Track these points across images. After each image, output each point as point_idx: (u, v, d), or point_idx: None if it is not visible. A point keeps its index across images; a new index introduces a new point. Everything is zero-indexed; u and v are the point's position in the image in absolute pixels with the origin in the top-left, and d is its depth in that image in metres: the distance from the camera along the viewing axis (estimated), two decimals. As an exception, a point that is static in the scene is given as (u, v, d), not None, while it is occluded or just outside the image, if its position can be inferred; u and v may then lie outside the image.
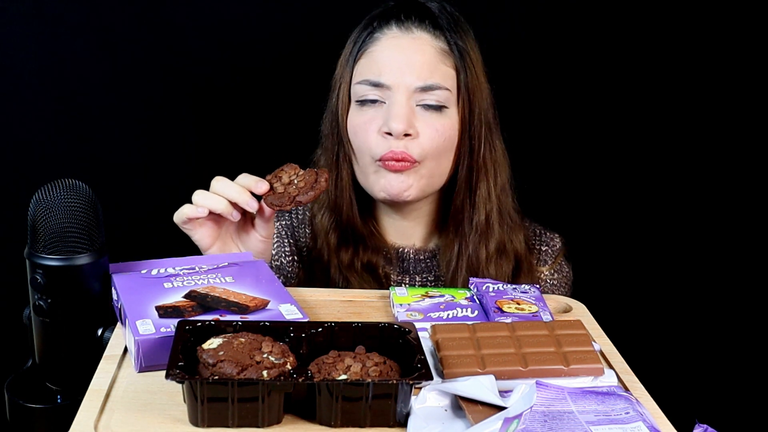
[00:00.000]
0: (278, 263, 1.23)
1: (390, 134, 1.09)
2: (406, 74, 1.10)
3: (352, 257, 1.19)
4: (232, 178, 1.00)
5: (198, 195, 0.99)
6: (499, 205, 1.18)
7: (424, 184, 1.14)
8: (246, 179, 0.99)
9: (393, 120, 1.08)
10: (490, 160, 1.16)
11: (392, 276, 1.22)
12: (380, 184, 1.13)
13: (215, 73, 1.57)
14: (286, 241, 1.25)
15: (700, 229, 1.70)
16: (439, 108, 1.11)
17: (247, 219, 1.04)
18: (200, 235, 1.01)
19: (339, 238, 1.19)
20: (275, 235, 1.24)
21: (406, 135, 1.10)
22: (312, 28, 1.56)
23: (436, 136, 1.11)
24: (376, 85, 1.11)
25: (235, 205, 0.98)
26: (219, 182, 0.99)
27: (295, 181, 1.00)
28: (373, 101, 1.12)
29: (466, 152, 1.15)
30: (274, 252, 1.23)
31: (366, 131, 1.12)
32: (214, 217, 1.01)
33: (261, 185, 0.99)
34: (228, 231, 1.04)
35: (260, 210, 1.00)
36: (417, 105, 1.11)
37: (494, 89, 1.17)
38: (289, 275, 1.23)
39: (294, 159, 1.04)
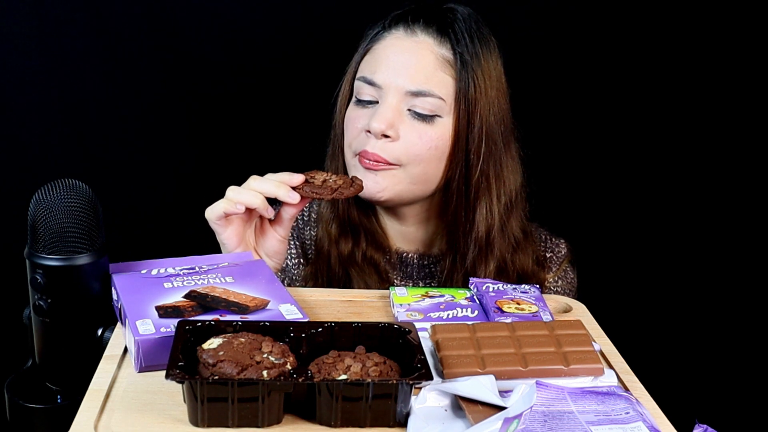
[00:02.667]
0: (284, 265, 1.23)
1: (370, 132, 1.09)
2: (400, 76, 1.09)
3: (352, 249, 1.19)
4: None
5: (232, 191, 0.98)
6: (502, 223, 1.14)
7: (403, 189, 1.12)
8: (279, 175, 1.00)
9: (375, 119, 1.08)
10: (492, 175, 1.12)
11: (395, 281, 1.22)
12: None
13: (216, 73, 1.57)
14: (292, 243, 1.25)
15: (700, 228, 1.70)
16: (429, 117, 1.09)
17: (264, 220, 1.05)
18: (228, 233, 1.01)
19: (339, 228, 1.20)
20: None
21: (386, 136, 1.09)
22: (314, 28, 1.56)
23: (419, 143, 1.09)
24: (371, 83, 1.11)
25: (269, 201, 0.98)
26: (255, 180, 0.99)
27: (331, 181, 1.02)
28: (369, 102, 1.12)
29: (461, 165, 1.11)
30: None
31: (354, 127, 1.13)
32: (243, 215, 1.01)
33: (297, 176, 1.00)
34: (249, 234, 1.04)
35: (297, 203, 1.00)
36: (407, 110, 1.09)
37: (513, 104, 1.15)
38: (294, 277, 1.23)
39: (294, 158, 1.04)
